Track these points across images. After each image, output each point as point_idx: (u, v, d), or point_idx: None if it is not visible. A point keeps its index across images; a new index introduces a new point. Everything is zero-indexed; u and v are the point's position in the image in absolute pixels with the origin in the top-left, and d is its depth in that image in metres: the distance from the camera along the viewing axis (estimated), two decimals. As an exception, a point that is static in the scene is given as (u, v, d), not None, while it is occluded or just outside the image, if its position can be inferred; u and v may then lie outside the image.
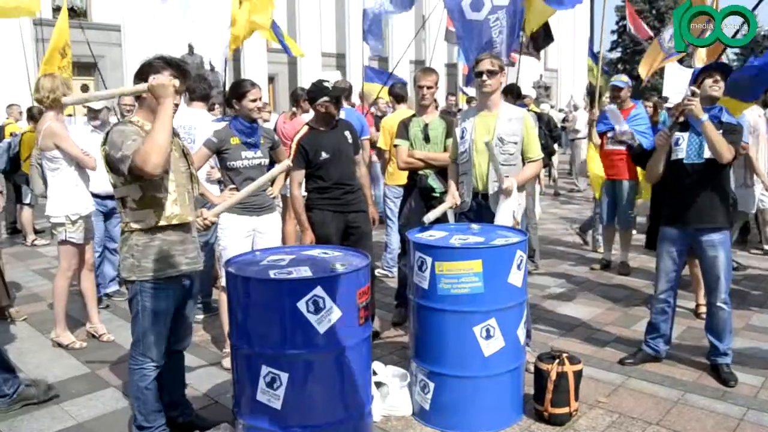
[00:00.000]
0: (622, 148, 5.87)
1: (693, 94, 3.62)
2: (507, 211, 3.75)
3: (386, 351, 4.38)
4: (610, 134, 5.96)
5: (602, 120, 6.06)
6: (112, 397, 3.74)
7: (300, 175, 4.44)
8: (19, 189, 8.29)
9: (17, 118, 9.75)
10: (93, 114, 5.18)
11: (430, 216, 3.76)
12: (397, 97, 6.45)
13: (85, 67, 16.49)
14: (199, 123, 4.97)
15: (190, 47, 18.49)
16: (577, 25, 31.96)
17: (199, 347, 4.52)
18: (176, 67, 2.87)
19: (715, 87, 3.74)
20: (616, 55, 41.26)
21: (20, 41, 11.43)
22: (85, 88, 9.95)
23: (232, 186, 4.23)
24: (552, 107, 13.99)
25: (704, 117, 3.57)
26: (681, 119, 3.77)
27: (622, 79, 6.01)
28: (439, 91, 5.10)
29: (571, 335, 4.66)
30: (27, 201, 8.31)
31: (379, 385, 3.54)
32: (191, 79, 3.10)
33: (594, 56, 8.97)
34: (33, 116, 7.23)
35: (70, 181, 4.39)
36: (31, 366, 4.23)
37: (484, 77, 3.85)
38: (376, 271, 6.39)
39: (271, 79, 23.60)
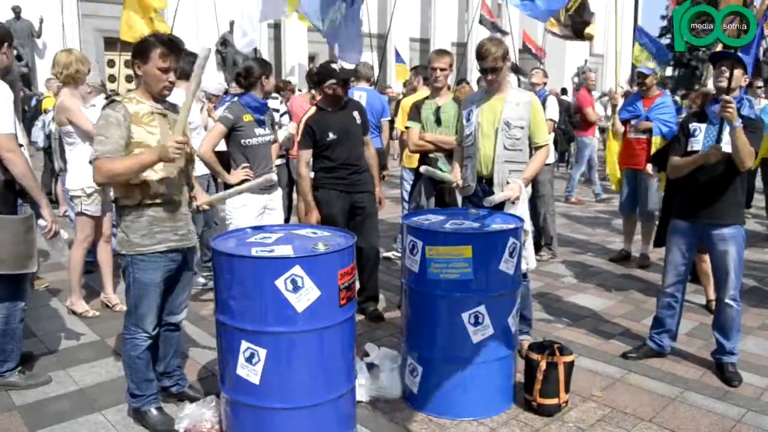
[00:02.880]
0: (645, 136, 5.68)
1: (727, 101, 3.27)
2: (522, 209, 3.63)
3: (387, 333, 4.39)
4: (633, 122, 5.78)
5: (626, 107, 5.87)
6: (114, 365, 3.85)
7: (307, 154, 4.45)
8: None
9: (55, 92, 9.98)
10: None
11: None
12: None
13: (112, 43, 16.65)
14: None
15: (231, 24, 18.67)
16: (625, 9, 30.91)
17: (205, 320, 4.61)
18: (169, 44, 2.90)
19: (721, 78, 3.56)
20: (665, 41, 39.90)
21: (60, 17, 11.76)
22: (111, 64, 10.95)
23: (245, 165, 4.28)
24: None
25: (737, 123, 3.33)
26: (696, 109, 3.61)
27: (648, 66, 5.81)
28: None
29: (578, 326, 4.57)
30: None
31: (370, 366, 3.56)
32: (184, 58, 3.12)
33: (642, 41, 8.63)
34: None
35: (85, 155, 4.47)
36: (44, 332, 4.39)
37: (489, 76, 3.73)
38: (391, 254, 6.39)
39: (312, 59, 23.62)
